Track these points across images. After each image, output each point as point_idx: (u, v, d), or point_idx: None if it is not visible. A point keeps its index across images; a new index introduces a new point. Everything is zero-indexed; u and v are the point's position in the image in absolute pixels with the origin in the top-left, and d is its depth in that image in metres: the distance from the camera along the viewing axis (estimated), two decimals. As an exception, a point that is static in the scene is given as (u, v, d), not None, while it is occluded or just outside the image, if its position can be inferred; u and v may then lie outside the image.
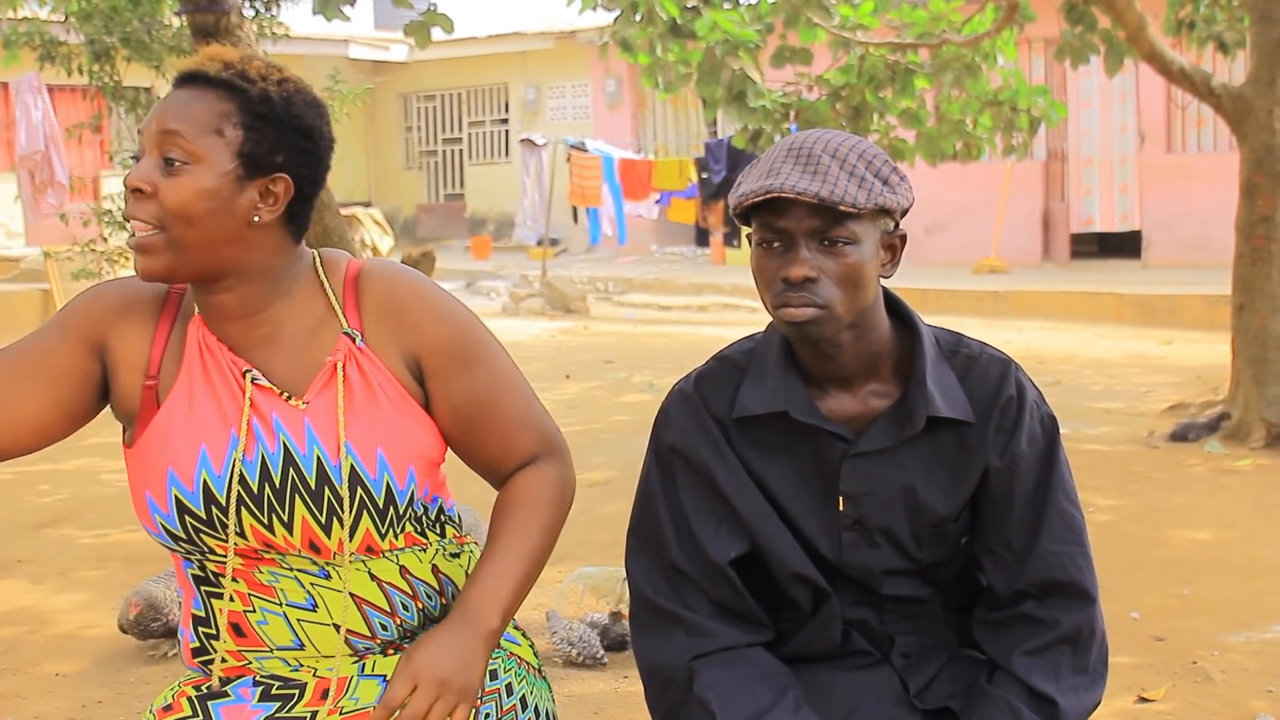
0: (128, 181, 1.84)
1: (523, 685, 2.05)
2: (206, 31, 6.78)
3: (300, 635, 1.92)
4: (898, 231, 2.00)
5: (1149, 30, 7.89)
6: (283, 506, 1.87)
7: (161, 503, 1.87)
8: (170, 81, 2.25)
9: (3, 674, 4.29)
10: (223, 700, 1.93)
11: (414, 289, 2.01)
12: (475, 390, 2.00)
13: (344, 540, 1.89)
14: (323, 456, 1.89)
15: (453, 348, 1.99)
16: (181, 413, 1.89)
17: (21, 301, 13.87)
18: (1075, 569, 2.03)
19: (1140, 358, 11.27)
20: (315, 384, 1.92)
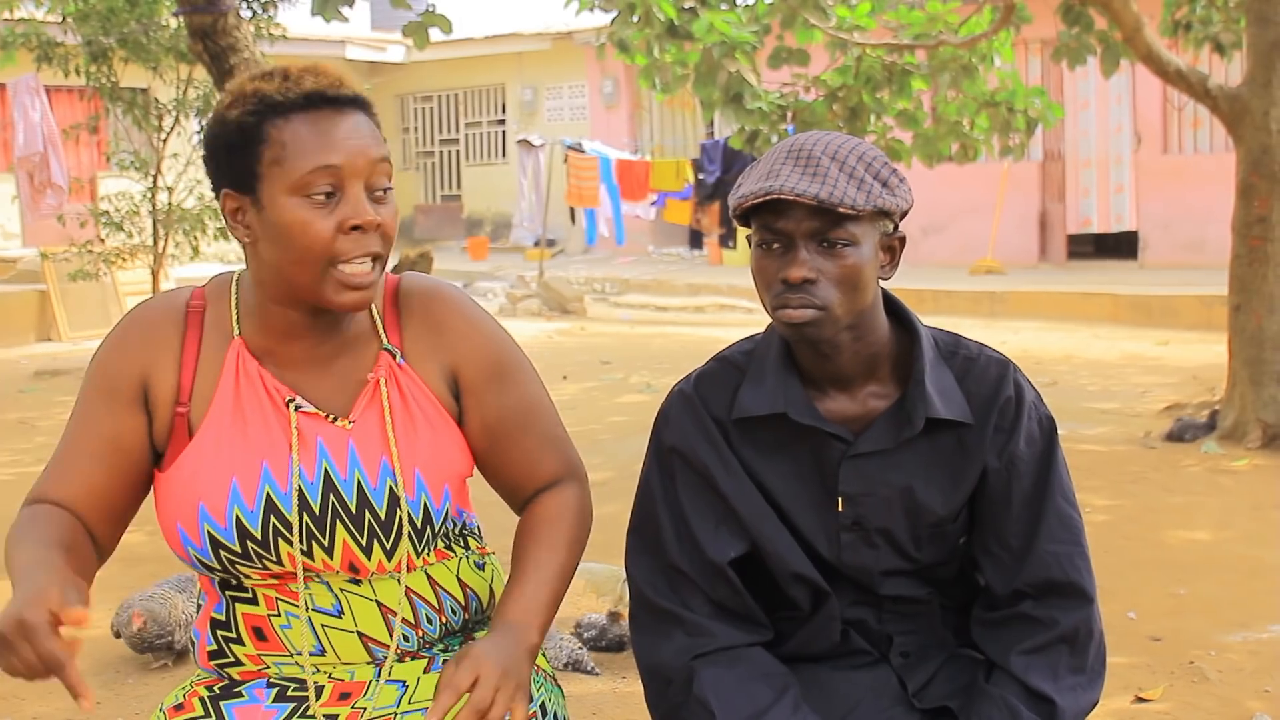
0: (368, 221, 1.83)
1: (541, 693, 2.05)
2: (204, 32, 6.80)
3: (323, 641, 1.92)
4: (897, 233, 2.01)
5: (1146, 31, 7.90)
6: (323, 533, 1.88)
7: (194, 536, 1.88)
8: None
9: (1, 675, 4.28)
10: (236, 700, 1.92)
11: (455, 305, 2.03)
12: (508, 408, 2.02)
13: (383, 562, 1.91)
14: (363, 480, 1.90)
15: (490, 364, 2.02)
16: (213, 444, 1.88)
17: (18, 302, 13.87)
18: (1073, 569, 2.04)
19: (1137, 358, 11.28)
20: (359, 404, 1.93)
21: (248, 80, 1.87)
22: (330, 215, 1.82)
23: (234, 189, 1.86)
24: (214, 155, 1.88)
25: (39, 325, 13.79)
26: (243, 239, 1.89)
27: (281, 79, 1.85)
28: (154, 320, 1.94)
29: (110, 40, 10.61)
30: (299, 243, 1.82)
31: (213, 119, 1.89)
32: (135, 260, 11.91)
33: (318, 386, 1.93)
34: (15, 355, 12.58)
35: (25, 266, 14.64)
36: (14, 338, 13.47)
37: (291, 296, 1.88)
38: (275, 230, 1.83)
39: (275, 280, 1.88)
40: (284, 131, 1.82)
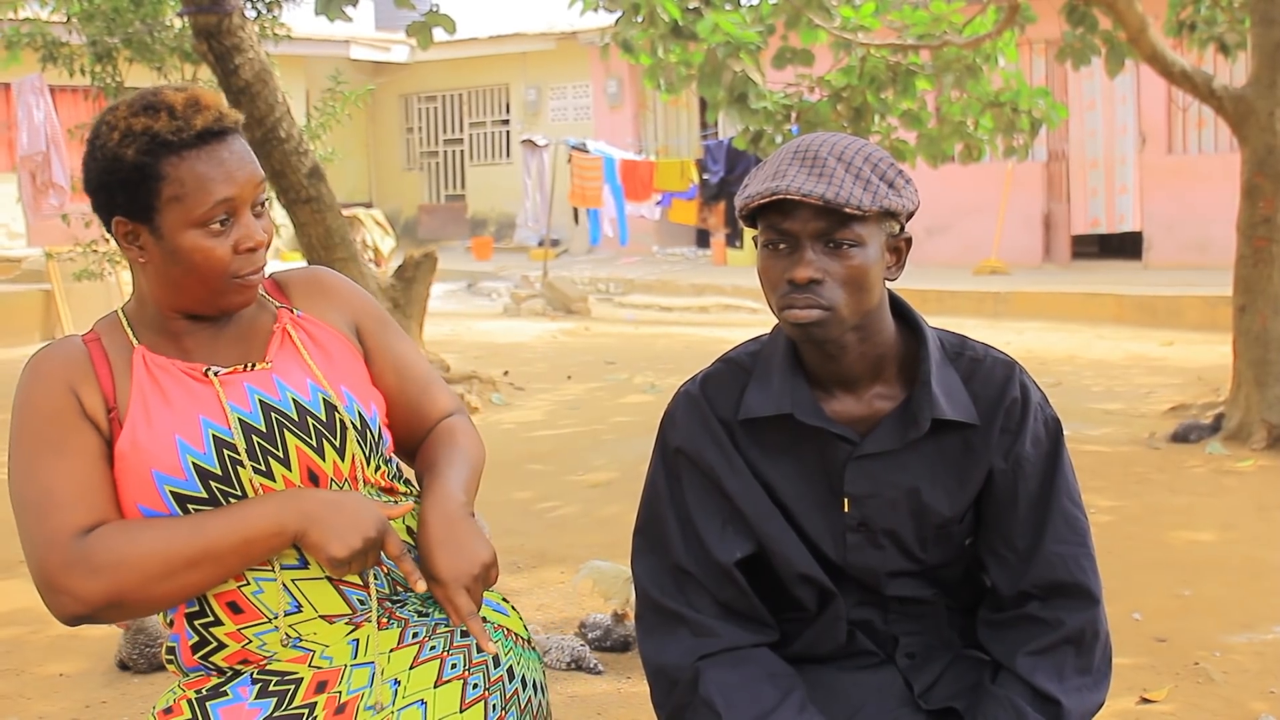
0: (258, 241, 1.99)
1: (510, 657, 2.09)
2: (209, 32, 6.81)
3: (297, 596, 1.97)
4: (903, 234, 2.01)
5: (1150, 32, 7.90)
6: (276, 446, 1.98)
7: (158, 506, 1.94)
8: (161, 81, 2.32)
9: (6, 674, 4.30)
10: (221, 700, 1.96)
11: (332, 275, 2.24)
12: (402, 353, 2.22)
13: (338, 463, 2.01)
14: (296, 397, 2.02)
15: (379, 316, 2.23)
16: (143, 421, 1.96)
17: (23, 302, 13.88)
18: (1079, 570, 2.05)
19: (1141, 359, 11.27)
20: (270, 348, 2.06)
21: (129, 114, 1.96)
22: (226, 239, 1.97)
23: (128, 218, 1.97)
24: (106, 188, 1.97)
25: (44, 325, 13.79)
26: (136, 259, 2.01)
27: (169, 115, 1.94)
28: (62, 355, 2.02)
29: (115, 40, 10.60)
30: (201, 267, 1.97)
31: (103, 154, 1.96)
32: (139, 260, 11.90)
33: (226, 356, 2.06)
34: (19, 355, 12.55)
35: (30, 266, 14.65)
36: (19, 337, 13.47)
37: (191, 305, 2.03)
38: (176, 256, 1.97)
39: (174, 294, 2.02)
40: (180, 169, 1.94)
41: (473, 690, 2.00)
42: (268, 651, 1.98)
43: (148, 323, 2.06)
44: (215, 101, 1.99)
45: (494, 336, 13.21)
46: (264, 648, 1.98)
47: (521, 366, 10.95)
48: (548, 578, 5.13)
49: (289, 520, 1.91)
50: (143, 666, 4.21)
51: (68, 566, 1.88)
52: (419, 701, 1.96)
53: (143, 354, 2.02)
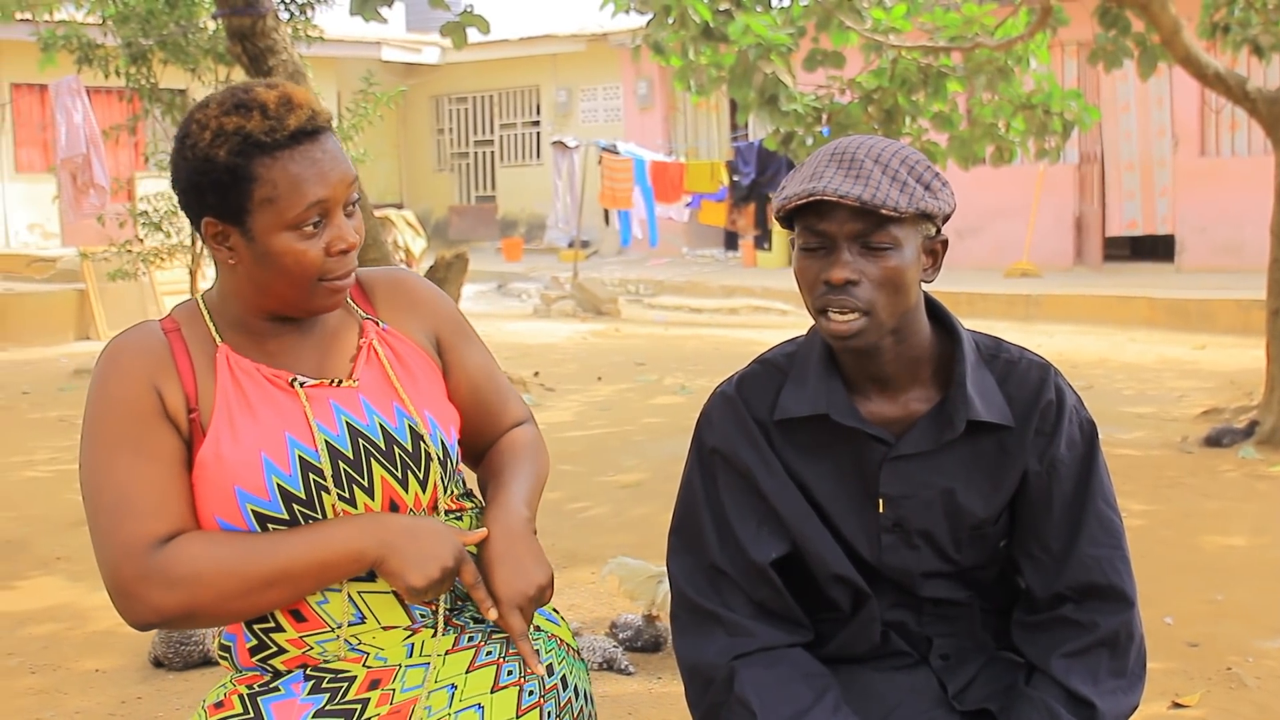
0: (351, 243, 1.94)
1: (563, 666, 2.10)
2: (243, 34, 6.84)
3: (361, 607, 1.97)
4: (939, 237, 2.02)
5: (1184, 34, 7.86)
6: (361, 474, 1.96)
7: (237, 522, 1.92)
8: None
9: (43, 670, 4.34)
10: (273, 696, 1.96)
11: (415, 280, 2.21)
12: (479, 361, 2.21)
13: (419, 494, 2.00)
14: (383, 422, 1.99)
15: (458, 323, 2.20)
16: (229, 433, 1.93)
17: (58, 301, 13.99)
18: (1114, 572, 2.05)
19: (1173, 362, 11.22)
20: (358, 365, 2.04)
21: (220, 113, 1.91)
22: (319, 241, 1.93)
23: (218, 219, 1.93)
24: (197, 189, 1.92)
25: (78, 324, 13.90)
26: (225, 260, 1.96)
27: (261, 114, 1.89)
28: (141, 345, 1.98)
29: (150, 42, 10.68)
30: (293, 270, 1.93)
31: (194, 154, 1.91)
32: (173, 260, 12.00)
33: (312, 365, 2.03)
34: (55, 354, 12.68)
35: (65, 266, 14.77)
36: (53, 336, 13.59)
37: (278, 308, 1.99)
38: (267, 258, 1.92)
39: (261, 295, 1.98)
40: (273, 170, 1.89)
41: (528, 697, 2.00)
42: (327, 657, 1.98)
43: (230, 319, 2.02)
44: (307, 99, 1.94)
45: (524, 337, 13.24)
46: (324, 654, 1.98)
47: (552, 367, 10.98)
48: (578, 578, 5.14)
49: (368, 547, 1.91)
50: (177, 664, 4.24)
51: (144, 577, 1.85)
52: (476, 705, 1.95)
53: (227, 354, 1.98)
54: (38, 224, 18.24)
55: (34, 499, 6.76)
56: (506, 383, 2.27)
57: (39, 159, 18.23)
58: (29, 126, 18.42)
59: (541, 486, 2.19)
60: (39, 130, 18.19)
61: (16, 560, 5.63)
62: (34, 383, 10.82)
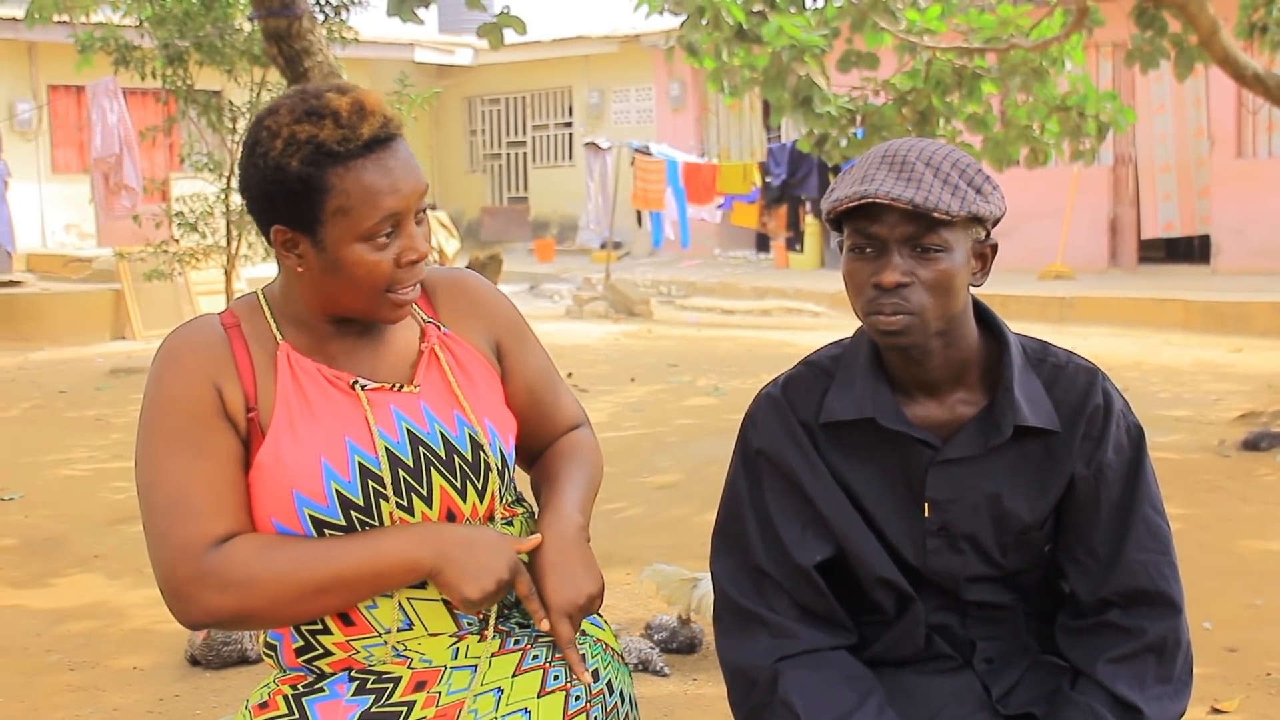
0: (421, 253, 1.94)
1: (608, 671, 2.10)
2: (279, 36, 6.87)
3: (410, 614, 1.96)
4: (989, 240, 2.02)
5: (1222, 34, 7.82)
6: (421, 483, 1.95)
7: (294, 525, 1.91)
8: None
9: (81, 667, 4.37)
10: (318, 696, 1.95)
11: (479, 283, 2.19)
12: (537, 366, 2.20)
13: (476, 504, 2.00)
14: (444, 430, 1.99)
15: (519, 328, 2.19)
16: (288, 435, 1.92)
17: (94, 301, 14.09)
18: (1161, 578, 2.04)
19: (1209, 365, 11.15)
20: (419, 370, 2.02)
21: (292, 120, 1.88)
22: (390, 252, 1.91)
23: (288, 227, 1.91)
24: (268, 198, 1.90)
25: (114, 324, 14.00)
26: (294, 268, 1.94)
27: (334, 123, 1.86)
28: (201, 341, 1.96)
29: (186, 44, 10.74)
30: (363, 281, 1.91)
31: (265, 163, 1.88)
32: (209, 260, 12.07)
33: (373, 367, 2.01)
34: (91, 353, 12.77)
35: (101, 266, 14.87)
36: (90, 336, 13.68)
37: (340, 314, 1.98)
38: (337, 267, 1.91)
39: (326, 303, 1.97)
40: (346, 181, 1.86)
41: (574, 702, 1.99)
42: (373, 661, 1.97)
43: (292, 317, 2.00)
44: (378, 105, 1.91)
45: (557, 338, 13.26)
46: (370, 658, 1.97)
47: (585, 368, 10.99)
48: (613, 579, 5.14)
49: (424, 557, 1.90)
50: (215, 663, 4.26)
51: (198, 579, 1.85)
52: (523, 709, 1.94)
53: (288, 353, 1.97)
54: (74, 224, 18.37)
55: (71, 497, 6.81)
56: (564, 386, 2.26)
57: (75, 160, 18.37)
58: (66, 127, 18.56)
59: (595, 491, 2.18)
60: (76, 131, 18.33)
61: (55, 558, 5.67)
62: (70, 382, 10.91)
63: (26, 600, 5.09)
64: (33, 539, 5.98)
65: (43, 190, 18.19)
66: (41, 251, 17.25)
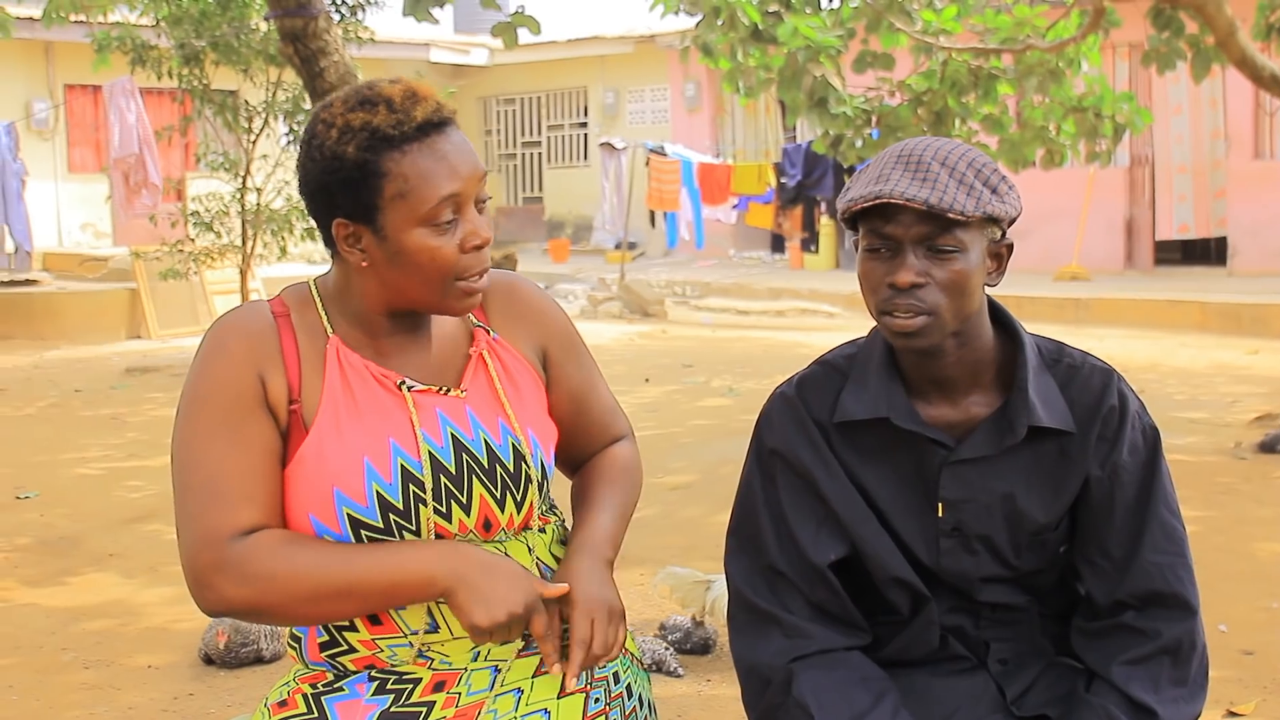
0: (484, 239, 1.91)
1: (628, 675, 2.10)
2: (295, 35, 6.89)
3: (437, 617, 1.95)
4: (1005, 240, 2.01)
5: (1239, 35, 7.79)
6: (461, 490, 1.94)
7: (331, 523, 1.90)
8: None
9: (96, 665, 4.38)
10: (338, 695, 1.95)
11: (532, 290, 2.17)
12: (583, 377, 2.19)
13: (514, 515, 2.00)
14: (488, 438, 1.98)
15: (567, 338, 2.17)
16: (333, 431, 1.91)
17: (110, 300, 14.15)
18: (1176, 580, 2.03)
19: (1226, 367, 11.11)
20: (466, 375, 2.01)
21: (345, 110, 1.88)
22: (453, 238, 1.89)
23: (349, 219, 1.89)
24: (326, 190, 1.89)
25: (129, 323, 14.05)
26: (359, 264, 1.92)
27: (387, 109, 1.86)
28: (250, 328, 1.95)
29: (202, 43, 10.78)
30: (428, 268, 1.89)
31: (322, 153, 1.88)
32: (224, 260, 12.11)
33: (421, 368, 2.00)
34: (107, 352, 12.82)
35: (116, 265, 14.93)
36: (105, 335, 13.74)
37: (406, 307, 1.96)
38: (401, 257, 1.88)
39: (393, 296, 1.94)
40: (403, 165, 1.85)
41: (594, 704, 2.00)
42: (396, 661, 1.97)
43: (344, 310, 1.98)
44: (430, 92, 1.90)
45: (571, 339, 13.25)
46: (393, 658, 1.97)
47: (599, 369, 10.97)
48: (627, 579, 5.14)
49: (441, 575, 1.87)
50: (230, 662, 4.26)
51: (219, 568, 1.84)
52: (543, 710, 1.94)
53: (337, 347, 1.96)
54: (90, 223, 18.43)
55: (86, 496, 6.83)
56: (609, 399, 2.25)
57: (92, 159, 18.43)
58: (82, 127, 18.62)
59: (630, 512, 2.17)
60: (92, 131, 18.40)
61: (70, 556, 5.69)
62: (86, 381, 10.94)
63: (42, 599, 5.11)
64: (48, 538, 6.00)
65: (59, 189, 18.25)
66: (58, 250, 17.33)
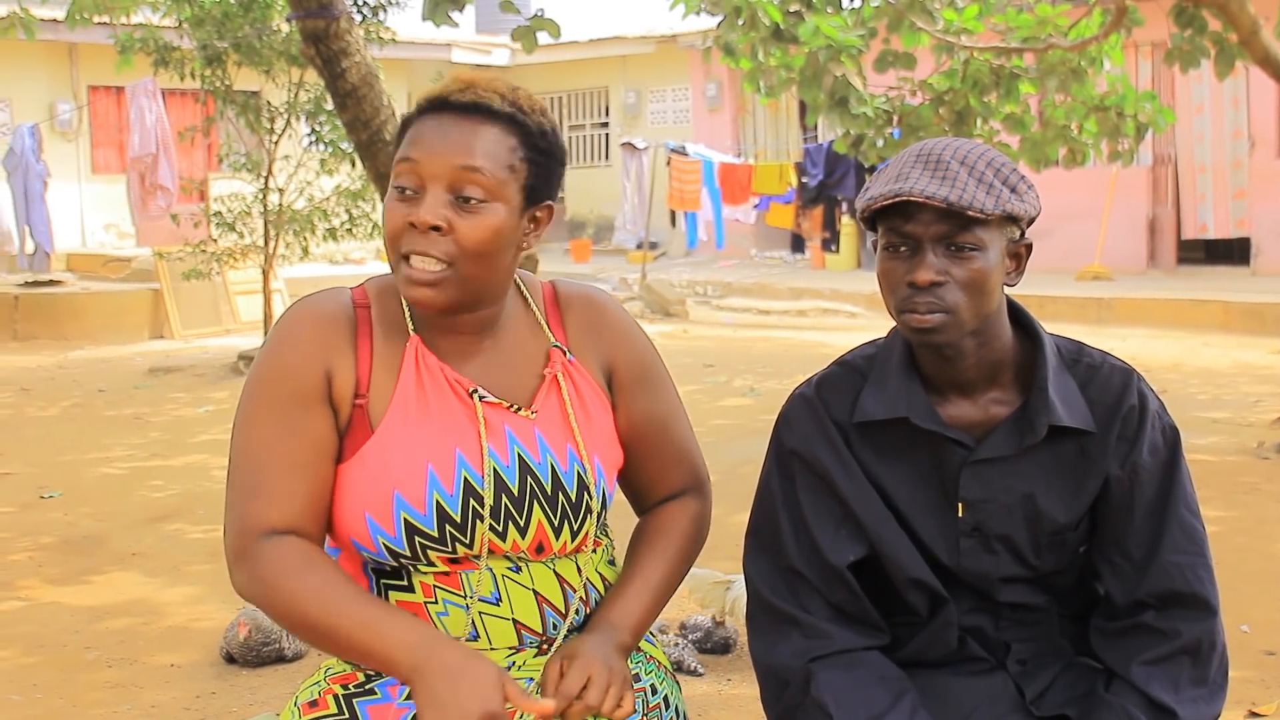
0: (420, 220, 1.86)
1: (664, 686, 2.10)
2: (317, 36, 6.91)
3: (479, 628, 1.96)
4: (1024, 240, 2.01)
5: (1262, 33, 7.75)
6: (520, 513, 1.94)
7: (387, 525, 1.90)
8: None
9: (119, 664, 4.40)
10: (369, 699, 1.94)
11: (612, 308, 2.15)
12: (652, 412, 2.13)
13: (568, 541, 1.98)
14: (554, 463, 1.97)
15: (640, 367, 2.13)
16: (401, 434, 1.92)
17: (133, 300, 14.21)
18: (1196, 580, 2.03)
19: (1249, 367, 11.06)
20: (539, 395, 2.00)
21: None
22: (408, 208, 1.88)
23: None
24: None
25: (152, 323, 14.11)
26: None
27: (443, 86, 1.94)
28: (326, 317, 1.96)
29: (224, 44, 10.83)
30: (385, 228, 1.92)
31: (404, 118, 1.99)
32: (246, 260, 12.16)
33: (494, 380, 1.99)
34: (129, 352, 12.87)
35: (139, 265, 15.00)
36: (129, 335, 13.80)
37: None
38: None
39: None
40: (414, 126, 1.93)
41: (633, 717, 1.98)
42: None
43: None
44: (478, 80, 1.93)
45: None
46: None
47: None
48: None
49: (403, 662, 1.82)
50: (252, 661, 4.28)
51: (241, 557, 1.88)
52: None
53: (417, 347, 1.96)
54: (114, 224, 18.51)
55: (110, 495, 6.86)
56: (684, 443, 2.17)
57: (115, 160, 18.50)
58: (106, 128, 18.70)
59: (674, 586, 2.10)
60: (115, 132, 18.47)
61: (94, 555, 5.72)
62: (109, 381, 10.99)
63: (66, 598, 5.13)
64: (72, 537, 6.03)
65: (83, 190, 18.33)
66: (81, 251, 17.41)
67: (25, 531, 6.12)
